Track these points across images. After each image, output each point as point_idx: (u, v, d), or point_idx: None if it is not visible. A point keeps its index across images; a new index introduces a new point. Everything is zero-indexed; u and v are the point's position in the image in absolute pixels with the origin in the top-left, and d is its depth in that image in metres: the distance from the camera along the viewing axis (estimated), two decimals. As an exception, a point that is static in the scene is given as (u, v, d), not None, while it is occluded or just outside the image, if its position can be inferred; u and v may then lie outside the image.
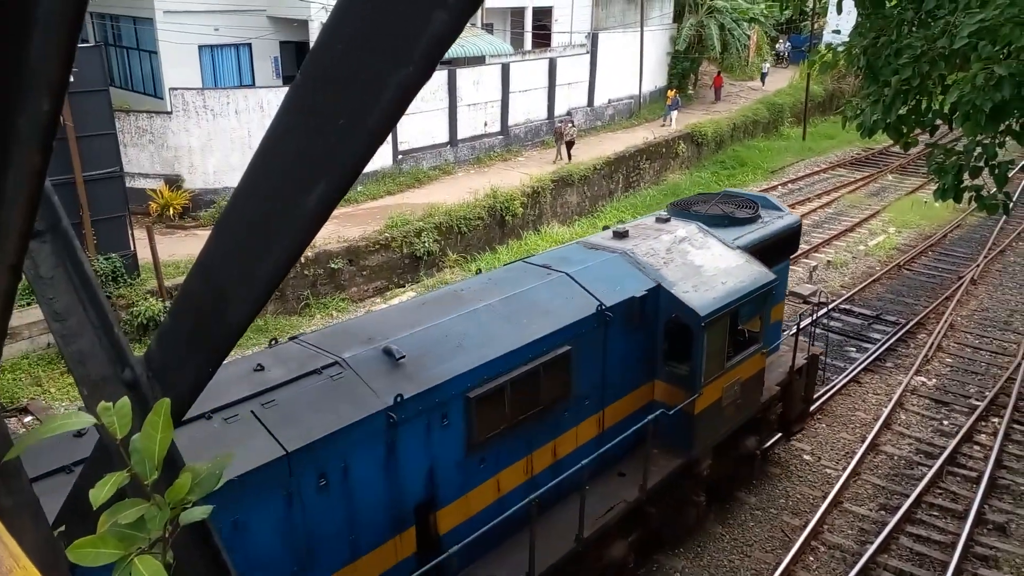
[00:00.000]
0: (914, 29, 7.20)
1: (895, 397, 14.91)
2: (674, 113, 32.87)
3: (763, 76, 41.06)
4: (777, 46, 43.47)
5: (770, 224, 11.39)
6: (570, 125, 27.52)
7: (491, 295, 8.35)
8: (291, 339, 7.51)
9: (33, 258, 1.76)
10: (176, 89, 21.77)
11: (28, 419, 13.79)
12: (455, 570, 7.50)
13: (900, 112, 7.60)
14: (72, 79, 15.63)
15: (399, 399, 6.77)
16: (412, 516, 7.24)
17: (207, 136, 21.62)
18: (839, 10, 8.33)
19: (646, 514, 9.60)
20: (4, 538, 0.89)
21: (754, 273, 9.89)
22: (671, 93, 33.76)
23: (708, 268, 9.61)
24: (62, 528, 1.84)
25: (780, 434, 12.79)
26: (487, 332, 7.77)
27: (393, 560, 7.11)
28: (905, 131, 7.93)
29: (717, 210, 11.16)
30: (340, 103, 1.05)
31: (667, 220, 10.63)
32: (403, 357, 7.09)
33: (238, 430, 6.12)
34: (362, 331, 7.50)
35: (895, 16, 7.54)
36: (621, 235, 9.97)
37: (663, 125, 32.77)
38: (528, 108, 29.43)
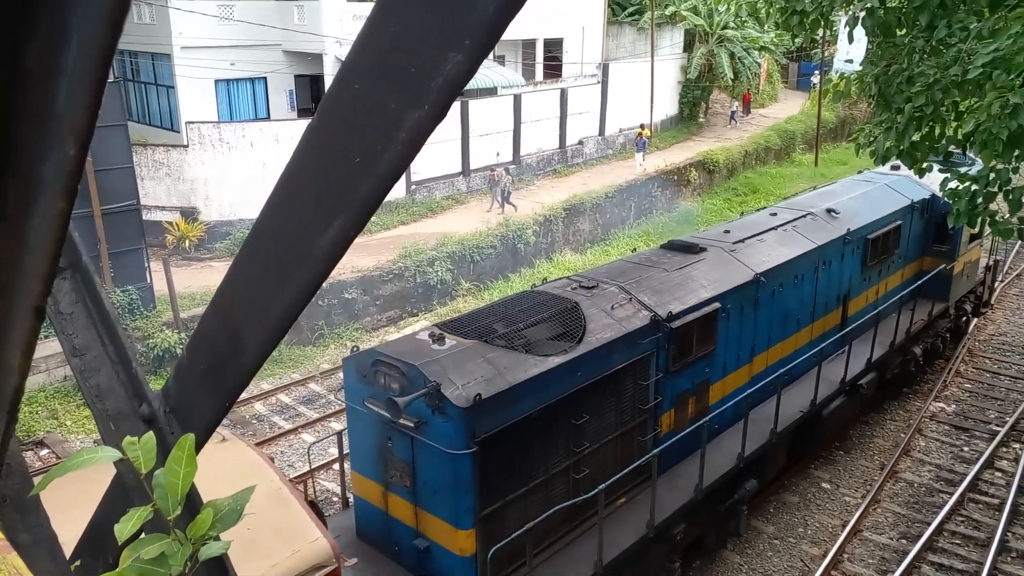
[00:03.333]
0: (925, 57, 7.24)
1: (914, 424, 14.73)
2: (640, 155, 30.59)
3: (733, 115, 38.94)
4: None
5: None
6: (505, 174, 25.07)
7: (844, 194, 14.51)
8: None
9: (53, 294, 1.78)
10: (192, 123, 22.10)
11: (44, 452, 13.84)
12: (853, 336, 12.89)
13: (914, 139, 7.61)
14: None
15: (847, 233, 12.85)
16: (837, 302, 13.24)
17: (223, 169, 21.89)
18: (850, 39, 8.38)
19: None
20: (23, 573, 0.89)
21: None
22: (644, 132, 31.38)
23: None
24: (78, 562, 1.84)
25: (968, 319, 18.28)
26: (854, 210, 13.65)
27: (832, 325, 13.15)
28: (919, 157, 7.93)
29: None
30: (356, 142, 1.07)
31: None
32: (838, 214, 13.32)
33: (724, 259, 10.87)
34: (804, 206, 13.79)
35: (906, 44, 7.58)
36: (896, 167, 14.56)
37: (639, 166, 30.29)
38: (540, 138, 29.65)
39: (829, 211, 13.36)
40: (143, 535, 1.51)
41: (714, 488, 9.89)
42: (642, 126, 31.80)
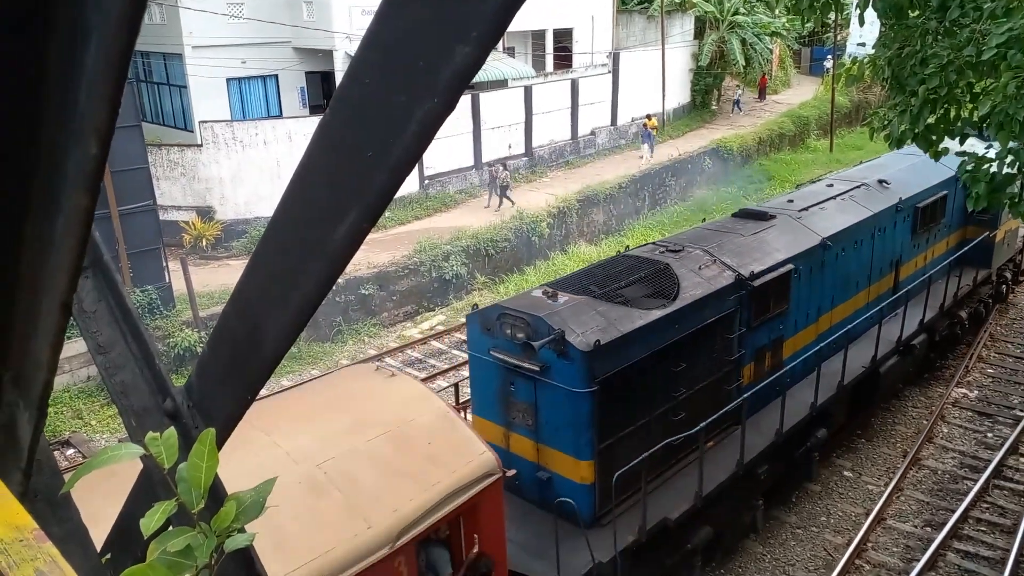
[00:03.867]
0: (939, 38, 7.15)
1: (936, 410, 14.61)
2: (645, 146, 30.01)
3: (737, 103, 38.17)
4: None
5: None
6: (502, 169, 24.73)
7: (893, 167, 15.31)
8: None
9: (77, 293, 1.81)
10: (206, 122, 22.24)
11: (70, 452, 14.03)
12: (906, 300, 13.99)
13: (928, 121, 7.53)
14: (107, 117, 16.04)
15: (899, 202, 13.78)
16: (891, 267, 14.14)
17: (237, 167, 22.02)
18: (861, 22, 8.29)
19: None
20: (60, 563, 0.92)
21: None
22: (650, 122, 30.40)
23: None
24: (108, 556, 1.87)
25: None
26: (904, 181, 14.49)
27: (886, 289, 14.11)
28: (935, 140, 7.85)
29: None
30: (368, 136, 1.08)
31: None
32: (889, 185, 14.17)
33: (792, 226, 11.91)
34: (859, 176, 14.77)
35: (919, 26, 7.49)
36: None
37: (640, 158, 29.80)
38: (552, 129, 29.59)
39: (881, 182, 14.30)
40: (170, 528, 1.54)
41: (791, 433, 10.99)
42: (648, 116, 31.08)
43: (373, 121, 1.07)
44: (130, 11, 0.73)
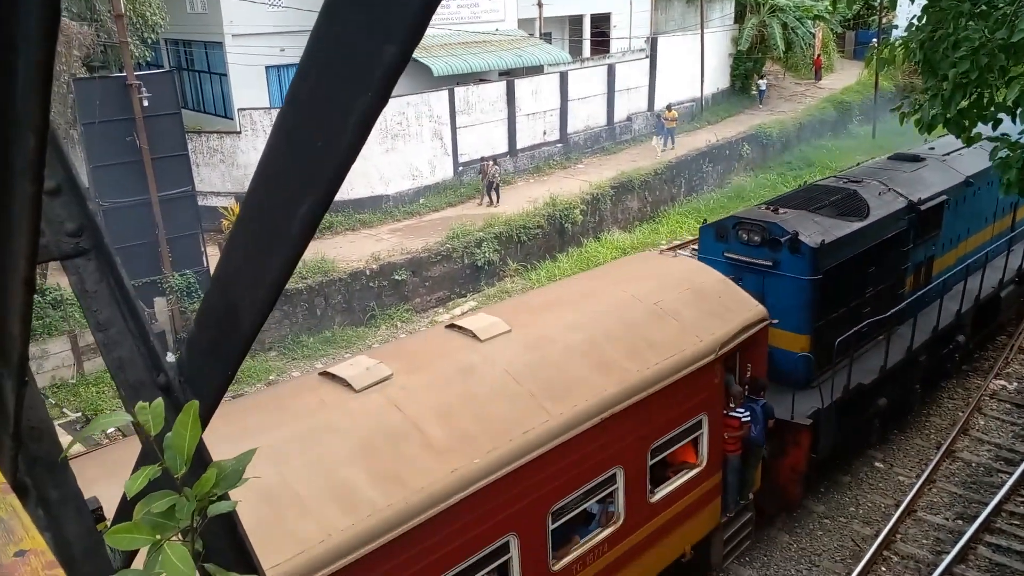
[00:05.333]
0: (972, 22, 6.99)
1: (973, 402, 14.34)
2: (657, 138, 29.31)
3: (761, 94, 36.66)
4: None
5: None
6: (493, 165, 24.12)
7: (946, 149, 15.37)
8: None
9: (80, 274, 1.93)
10: (244, 109, 22.60)
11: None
12: (1020, 238, 16.36)
13: (960, 106, 7.38)
14: (146, 103, 16.25)
15: (969, 178, 14.33)
16: (1009, 208, 15.91)
17: (275, 154, 22.35)
18: (893, 6, 8.13)
19: None
20: (20, 513, 1.02)
21: None
22: (669, 114, 29.36)
23: None
24: (107, 522, 2.00)
25: None
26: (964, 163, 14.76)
27: (1005, 227, 16.00)
28: (967, 125, 7.69)
29: None
30: (317, 127, 1.17)
31: None
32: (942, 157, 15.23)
33: (940, 166, 14.28)
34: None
35: (952, 8, 7.33)
36: None
37: (663, 150, 28.79)
38: (588, 115, 29.44)
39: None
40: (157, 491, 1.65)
41: (943, 332, 13.59)
42: (668, 108, 29.87)
43: (320, 112, 1.16)
44: (48, 24, 0.83)
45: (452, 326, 8.04)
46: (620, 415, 7.46)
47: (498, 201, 23.73)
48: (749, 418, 9.63)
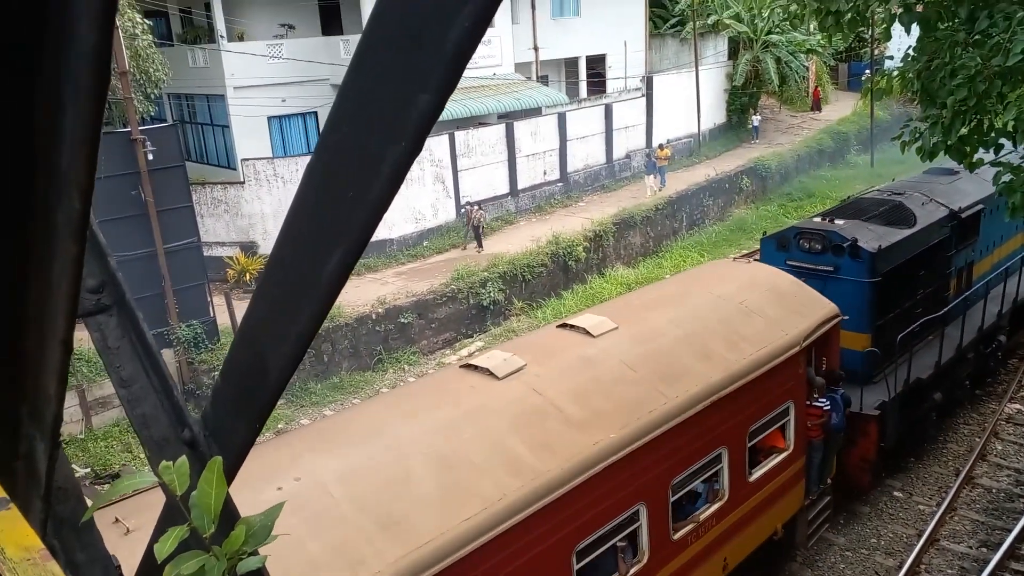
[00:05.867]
0: (968, 50, 7.07)
1: (989, 427, 14.17)
2: (650, 177, 28.85)
3: (755, 130, 36.53)
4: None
5: None
6: (478, 209, 23.85)
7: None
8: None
9: (102, 331, 1.93)
10: (248, 160, 22.85)
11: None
12: None
13: (961, 133, 7.43)
14: (151, 157, 16.45)
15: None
16: None
17: (278, 203, 22.54)
18: (887, 36, 8.24)
19: None
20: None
21: None
22: (662, 152, 29.20)
23: None
24: (133, 583, 1.96)
25: None
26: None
27: None
28: (968, 151, 7.73)
29: None
30: (348, 178, 1.17)
31: None
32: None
33: (974, 178, 13.98)
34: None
35: (947, 37, 7.42)
36: None
37: (658, 190, 28.38)
38: (587, 154, 29.73)
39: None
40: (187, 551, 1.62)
41: (987, 331, 14.51)
42: (661, 146, 30.01)
43: (351, 165, 1.16)
44: (97, 87, 0.83)
45: (564, 325, 9.04)
46: (724, 399, 8.34)
47: (481, 246, 23.54)
48: (830, 406, 10.42)
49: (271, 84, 24.18)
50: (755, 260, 13.35)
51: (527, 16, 30.09)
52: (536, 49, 30.51)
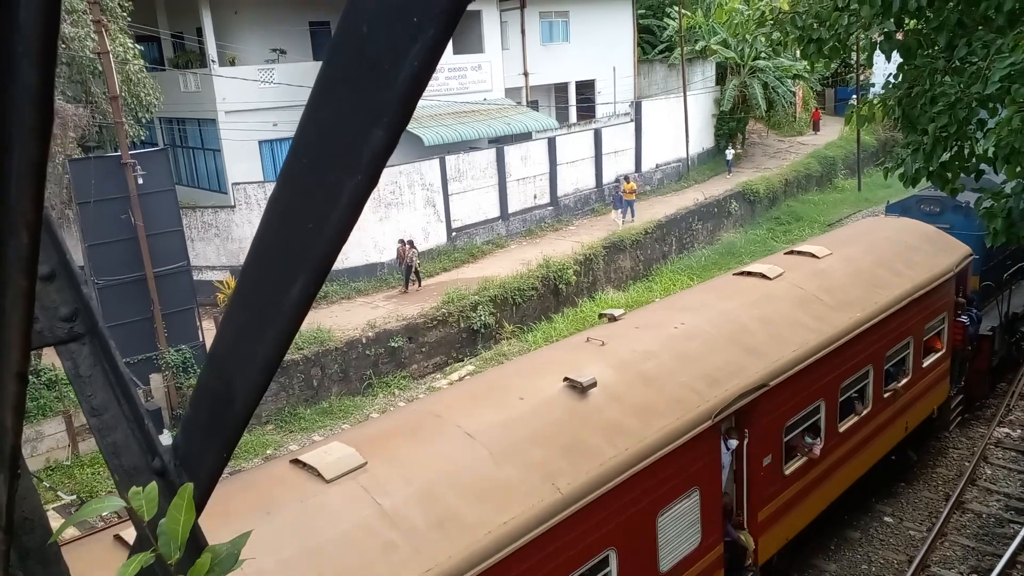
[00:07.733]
0: (947, 77, 7.19)
1: (978, 451, 14.18)
2: (616, 212, 28.28)
3: (728, 164, 35.69)
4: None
5: None
6: (410, 248, 22.26)
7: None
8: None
9: (74, 359, 1.92)
10: (238, 184, 22.88)
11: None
12: None
13: (942, 159, 7.52)
14: (141, 181, 16.42)
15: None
16: None
17: (269, 226, 22.51)
18: (869, 64, 8.36)
19: None
20: None
21: None
22: (628, 186, 28.21)
23: None
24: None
25: None
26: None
27: None
28: (950, 177, 7.82)
29: None
30: (308, 209, 1.19)
31: None
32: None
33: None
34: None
35: (927, 65, 7.54)
36: None
37: (623, 223, 27.60)
38: (577, 178, 29.91)
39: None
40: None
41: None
42: (627, 178, 29.19)
43: (311, 196, 1.18)
44: (41, 125, 0.85)
45: (792, 251, 12.72)
46: (911, 303, 11.59)
47: (419, 285, 22.50)
48: (968, 321, 14.13)
49: (263, 108, 24.29)
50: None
51: (517, 42, 30.42)
52: (526, 74, 30.81)
